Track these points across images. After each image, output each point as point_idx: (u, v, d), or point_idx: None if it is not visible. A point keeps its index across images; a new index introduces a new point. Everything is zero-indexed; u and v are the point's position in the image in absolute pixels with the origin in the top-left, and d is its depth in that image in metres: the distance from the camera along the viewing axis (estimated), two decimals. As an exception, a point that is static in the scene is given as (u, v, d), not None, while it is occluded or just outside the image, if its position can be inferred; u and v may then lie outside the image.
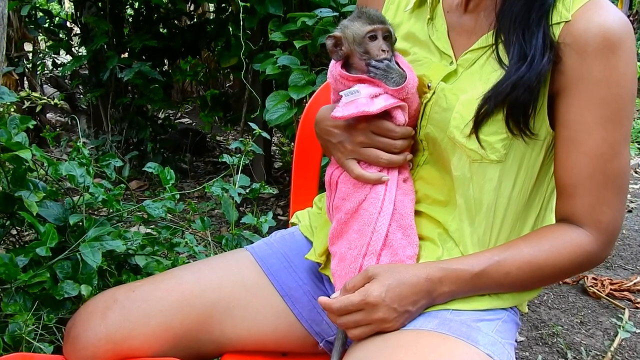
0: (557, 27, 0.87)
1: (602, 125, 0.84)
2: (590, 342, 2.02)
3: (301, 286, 1.09)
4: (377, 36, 0.93)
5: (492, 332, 0.87)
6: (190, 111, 5.49)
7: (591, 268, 0.91)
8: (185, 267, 1.12)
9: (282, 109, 2.41)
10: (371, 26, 0.93)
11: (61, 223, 1.41)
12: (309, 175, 1.37)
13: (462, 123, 0.90)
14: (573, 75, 0.85)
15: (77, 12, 3.45)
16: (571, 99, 0.85)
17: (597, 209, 0.85)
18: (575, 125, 0.85)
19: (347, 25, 0.95)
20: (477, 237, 0.94)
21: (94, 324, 0.98)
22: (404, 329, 0.87)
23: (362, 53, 0.94)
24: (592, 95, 0.84)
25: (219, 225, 2.96)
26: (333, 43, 0.97)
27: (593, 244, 0.86)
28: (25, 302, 1.26)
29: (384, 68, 0.92)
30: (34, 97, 1.95)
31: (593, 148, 0.84)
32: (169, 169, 1.69)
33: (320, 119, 1.05)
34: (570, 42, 0.85)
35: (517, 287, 0.91)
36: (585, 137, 0.84)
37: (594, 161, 0.84)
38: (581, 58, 0.84)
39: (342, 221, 0.97)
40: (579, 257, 0.87)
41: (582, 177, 0.85)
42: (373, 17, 0.94)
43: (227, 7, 3.40)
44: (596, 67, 0.83)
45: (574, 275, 0.91)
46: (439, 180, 0.98)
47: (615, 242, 0.90)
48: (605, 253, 0.89)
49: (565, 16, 0.86)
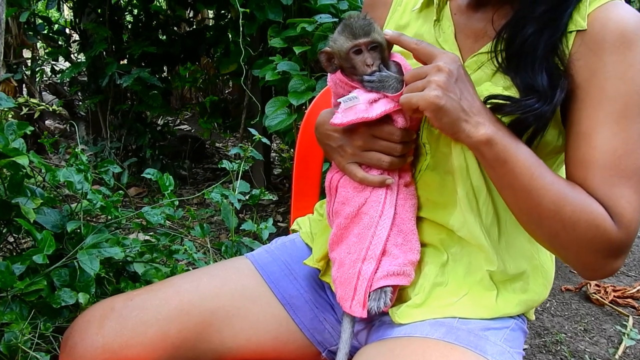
0: (571, 35, 0.85)
1: (615, 121, 0.81)
2: (595, 349, 2.00)
3: (302, 294, 1.07)
4: (361, 50, 0.91)
5: (500, 341, 0.86)
6: (189, 118, 5.49)
7: (603, 257, 0.82)
8: (184, 276, 1.10)
9: (282, 115, 2.40)
10: (352, 42, 0.90)
11: (59, 230, 1.40)
12: (309, 181, 1.36)
13: None
14: (587, 73, 0.83)
15: (76, 18, 3.45)
16: (584, 95, 0.83)
17: (617, 203, 0.80)
18: (587, 120, 0.83)
19: (334, 40, 0.93)
20: (484, 226, 0.91)
21: (91, 333, 0.96)
22: (411, 337, 0.85)
23: (350, 68, 0.92)
24: (606, 91, 0.82)
25: (218, 232, 2.94)
26: (326, 58, 0.95)
27: (615, 232, 0.80)
28: (21, 310, 1.24)
29: (377, 79, 0.90)
30: (32, 104, 1.94)
31: (605, 142, 0.81)
32: (168, 175, 1.67)
33: (320, 123, 1.03)
34: (585, 41, 0.84)
35: (530, 201, 0.81)
36: (596, 131, 0.82)
37: (605, 155, 0.81)
38: (596, 55, 0.82)
39: (342, 226, 0.96)
40: (599, 230, 0.80)
41: (593, 171, 0.82)
42: (355, 30, 0.90)
43: (226, 14, 3.40)
44: (611, 63, 0.81)
45: (581, 251, 0.82)
46: (441, 184, 0.96)
47: (631, 247, 0.85)
48: (622, 250, 0.82)
49: (581, 25, 0.84)
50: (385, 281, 0.89)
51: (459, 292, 0.92)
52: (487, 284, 0.92)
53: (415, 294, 0.93)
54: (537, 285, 0.96)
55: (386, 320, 0.95)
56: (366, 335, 1.00)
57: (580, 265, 0.84)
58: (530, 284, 0.95)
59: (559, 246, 0.83)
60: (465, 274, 0.93)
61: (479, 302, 0.90)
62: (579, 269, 0.86)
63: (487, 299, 0.91)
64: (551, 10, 0.84)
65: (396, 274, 0.90)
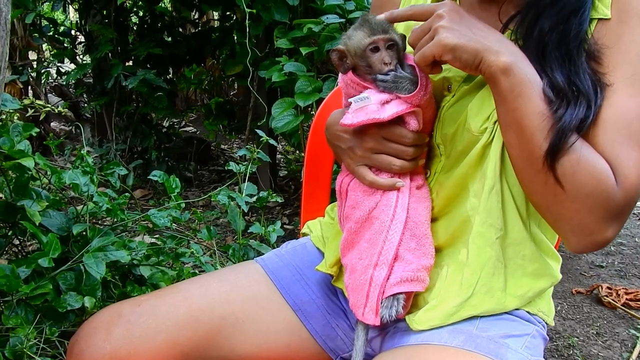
0: (592, 23, 0.83)
1: (631, 83, 0.79)
2: (608, 354, 1.96)
3: (314, 300, 1.05)
4: (379, 47, 0.88)
5: (521, 349, 0.83)
6: (194, 119, 5.48)
7: (598, 218, 0.78)
8: (192, 281, 1.08)
9: (289, 117, 2.38)
10: (371, 38, 0.88)
11: (64, 233, 1.38)
12: (320, 184, 1.33)
13: (478, 117, 0.88)
14: (611, 39, 0.82)
15: (81, 20, 3.44)
16: (606, 59, 0.81)
17: (622, 164, 0.77)
18: (604, 79, 0.81)
19: (349, 36, 0.91)
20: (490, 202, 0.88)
21: (97, 340, 0.93)
22: (429, 345, 0.82)
23: (365, 67, 0.90)
24: (628, 53, 0.80)
25: (225, 234, 2.92)
26: (338, 57, 0.92)
27: (616, 192, 0.77)
28: (26, 314, 1.23)
29: (391, 80, 0.87)
30: (38, 105, 1.93)
31: (619, 102, 0.79)
32: (174, 178, 1.66)
33: (330, 124, 1.01)
34: (609, 26, 0.82)
35: (533, 143, 0.78)
36: (612, 90, 0.80)
37: (617, 114, 0.79)
38: (622, 21, 0.81)
39: (353, 230, 0.93)
40: (600, 186, 0.76)
41: (604, 128, 0.79)
42: (374, 26, 0.88)
43: (232, 15, 3.38)
44: (637, 29, 0.80)
45: (577, 208, 0.77)
46: (457, 185, 0.93)
47: (629, 213, 0.82)
48: (618, 215, 0.79)
49: (604, 13, 0.83)
50: (398, 288, 0.86)
51: (469, 284, 0.88)
52: (499, 269, 0.89)
53: (432, 298, 0.90)
54: (548, 268, 0.93)
55: (401, 326, 0.92)
56: (380, 342, 0.97)
57: (572, 228, 0.80)
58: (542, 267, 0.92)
59: (555, 200, 0.80)
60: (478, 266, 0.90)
61: (490, 290, 0.87)
62: (570, 232, 0.81)
63: (497, 284, 0.88)
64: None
65: (410, 280, 0.87)
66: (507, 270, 0.89)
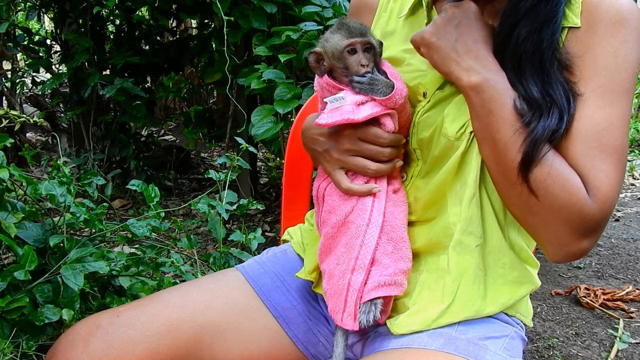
0: (564, 32, 0.85)
1: (600, 94, 0.81)
2: (587, 354, 1.99)
3: (295, 306, 1.04)
4: (356, 50, 0.89)
5: (500, 350, 0.84)
6: (173, 128, 5.44)
7: (572, 231, 0.79)
8: (172, 289, 1.06)
9: (268, 124, 2.38)
10: (349, 40, 0.89)
11: (41, 245, 1.36)
12: (299, 190, 1.33)
13: (455, 123, 0.88)
14: (582, 49, 0.83)
15: (57, 29, 3.40)
16: (577, 68, 0.83)
17: (595, 175, 0.79)
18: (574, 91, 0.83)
19: (327, 39, 0.92)
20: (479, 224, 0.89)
21: (76, 353, 0.92)
22: (409, 348, 0.83)
23: (342, 69, 0.90)
24: (597, 65, 0.82)
25: (205, 243, 2.90)
26: (315, 59, 0.93)
27: (589, 205, 0.78)
28: (2, 329, 1.21)
29: (367, 82, 0.89)
30: (13, 116, 1.89)
31: (589, 114, 0.80)
32: (153, 187, 1.64)
33: (306, 128, 1.01)
34: (578, 35, 0.84)
35: (507, 158, 0.80)
36: (582, 100, 0.81)
37: (587, 127, 0.80)
38: (591, 33, 0.83)
39: (330, 236, 0.93)
40: (572, 199, 0.78)
41: (575, 141, 0.80)
42: (352, 29, 0.90)
43: (210, 23, 3.37)
44: (606, 39, 0.82)
45: (551, 220, 0.79)
46: (436, 192, 0.94)
47: (605, 226, 0.82)
48: (593, 228, 0.79)
49: (574, 22, 0.84)
50: (376, 292, 0.86)
51: (451, 291, 0.89)
52: (479, 277, 0.89)
53: (413, 303, 0.90)
54: (528, 275, 0.93)
55: (382, 331, 0.92)
56: (361, 347, 0.97)
57: (548, 238, 0.82)
58: (521, 274, 0.92)
59: (530, 211, 0.81)
60: (458, 273, 0.90)
61: (471, 299, 0.87)
62: (547, 243, 0.83)
63: (477, 292, 0.89)
64: (541, 4, 0.83)
65: (387, 284, 0.87)
66: (488, 279, 0.90)
